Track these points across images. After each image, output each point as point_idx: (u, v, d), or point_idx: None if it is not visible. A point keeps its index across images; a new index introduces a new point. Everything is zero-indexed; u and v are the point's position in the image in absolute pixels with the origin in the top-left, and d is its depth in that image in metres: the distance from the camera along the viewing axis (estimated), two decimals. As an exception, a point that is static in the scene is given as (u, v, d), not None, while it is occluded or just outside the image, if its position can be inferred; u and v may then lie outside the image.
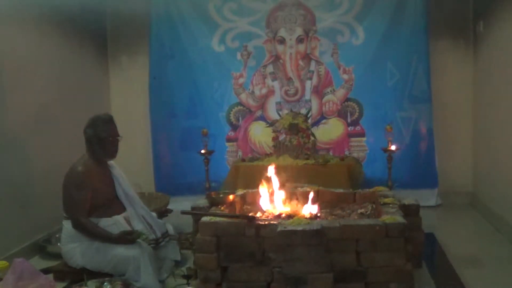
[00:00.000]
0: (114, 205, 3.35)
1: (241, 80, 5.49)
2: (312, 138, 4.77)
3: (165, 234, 3.48)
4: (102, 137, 3.27)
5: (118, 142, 3.36)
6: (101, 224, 3.20)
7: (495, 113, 4.61)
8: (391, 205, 3.10)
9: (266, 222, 2.88)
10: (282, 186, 3.39)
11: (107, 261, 3.14)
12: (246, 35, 5.45)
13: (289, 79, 5.45)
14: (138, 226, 3.32)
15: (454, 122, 5.43)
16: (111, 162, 3.44)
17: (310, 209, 3.18)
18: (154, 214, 3.56)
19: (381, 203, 3.17)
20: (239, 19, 5.43)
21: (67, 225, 3.24)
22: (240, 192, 3.64)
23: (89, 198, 3.18)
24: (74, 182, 3.18)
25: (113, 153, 3.35)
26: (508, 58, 4.20)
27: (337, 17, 5.33)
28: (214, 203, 3.40)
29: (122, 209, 3.38)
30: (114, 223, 3.24)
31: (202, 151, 4.78)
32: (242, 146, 5.52)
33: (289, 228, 2.75)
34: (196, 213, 3.19)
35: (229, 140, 5.55)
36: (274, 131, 4.90)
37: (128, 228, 3.26)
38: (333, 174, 4.34)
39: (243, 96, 5.50)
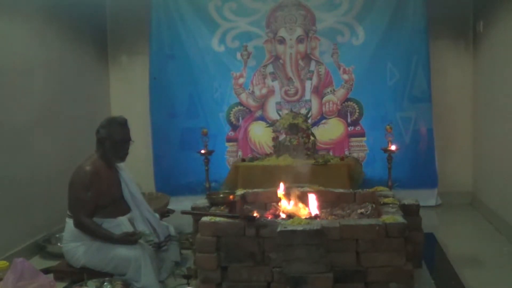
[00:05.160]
0: (120, 206, 3.34)
1: (241, 80, 5.49)
2: (312, 138, 4.77)
3: (168, 238, 3.48)
4: (115, 140, 3.26)
5: (129, 146, 3.36)
6: (105, 225, 3.20)
7: (495, 113, 4.62)
8: (391, 205, 3.10)
9: (266, 222, 2.88)
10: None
11: (108, 260, 3.14)
12: (246, 35, 5.45)
13: (289, 79, 5.45)
14: (141, 228, 3.32)
15: (454, 122, 5.43)
16: (120, 164, 3.44)
17: (311, 211, 3.19)
18: (157, 215, 3.57)
19: (381, 203, 3.17)
20: (239, 19, 5.43)
21: (70, 223, 3.23)
22: (240, 192, 3.64)
23: (95, 198, 3.18)
24: (81, 181, 3.17)
25: (123, 157, 3.35)
26: (508, 58, 4.20)
27: (337, 17, 5.33)
28: (214, 203, 3.39)
29: (127, 210, 3.37)
30: (117, 224, 3.24)
31: (202, 151, 4.78)
32: (242, 146, 5.52)
33: (289, 228, 2.75)
34: (196, 213, 3.19)
35: (229, 140, 5.54)
36: (274, 131, 4.90)
37: (131, 229, 3.26)
38: (333, 174, 4.34)
39: (243, 96, 5.50)
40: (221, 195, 3.51)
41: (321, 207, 3.38)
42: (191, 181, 5.39)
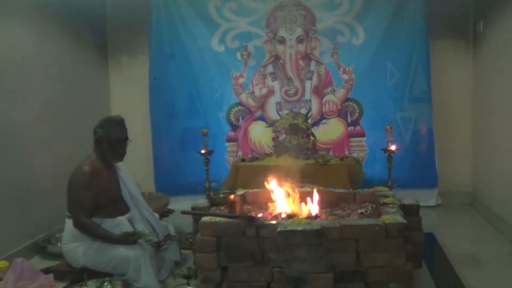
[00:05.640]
0: (119, 206, 3.34)
1: (241, 80, 5.49)
2: (312, 138, 4.77)
3: (167, 237, 3.48)
4: (113, 139, 3.26)
5: (127, 146, 3.36)
6: (105, 225, 3.20)
7: (495, 113, 4.62)
8: (391, 205, 3.10)
9: (266, 222, 2.88)
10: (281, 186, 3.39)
11: (108, 260, 3.14)
12: (246, 35, 5.44)
13: (289, 79, 5.45)
14: (141, 228, 3.32)
15: (454, 122, 5.43)
16: (118, 163, 3.44)
17: (311, 209, 3.19)
18: (156, 215, 3.56)
19: (381, 203, 3.17)
20: (239, 19, 5.43)
21: (70, 223, 3.23)
22: (240, 192, 3.64)
23: (94, 198, 3.18)
24: (80, 182, 3.17)
25: (121, 156, 3.35)
26: (508, 58, 4.20)
27: (337, 17, 5.33)
28: (214, 203, 3.40)
29: (126, 210, 3.37)
30: (117, 224, 3.24)
31: (202, 151, 4.77)
32: (242, 146, 5.52)
33: (289, 228, 2.75)
34: (196, 213, 3.19)
35: (229, 140, 5.54)
36: (274, 131, 4.90)
37: (131, 229, 3.26)
38: (333, 174, 4.34)
39: (243, 96, 5.50)
40: (221, 195, 3.52)
41: (321, 207, 3.38)
42: (191, 181, 5.38)
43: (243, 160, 4.88)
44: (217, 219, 2.91)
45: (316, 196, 3.30)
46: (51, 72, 4.52)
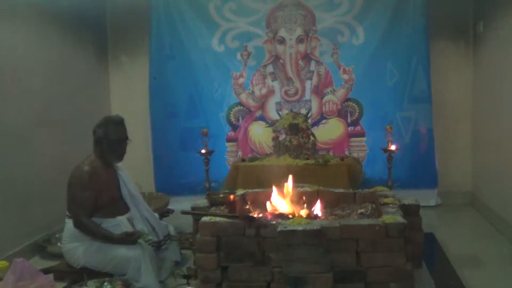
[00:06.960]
0: (118, 206, 3.34)
1: (241, 80, 5.49)
2: (312, 138, 4.77)
3: (167, 237, 3.48)
4: (112, 139, 3.26)
5: (126, 145, 3.35)
6: (104, 225, 3.20)
7: (494, 113, 4.62)
8: (391, 205, 3.10)
9: (266, 222, 2.88)
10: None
11: (108, 260, 3.14)
12: (246, 35, 5.44)
13: (289, 79, 5.45)
14: (140, 228, 3.32)
15: (454, 122, 5.42)
16: (118, 163, 3.44)
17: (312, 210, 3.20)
18: (156, 215, 3.56)
19: (381, 203, 3.17)
20: (239, 19, 5.43)
21: (70, 223, 3.23)
22: (240, 192, 3.65)
23: (93, 198, 3.18)
24: (79, 181, 3.17)
25: (120, 156, 3.35)
26: (508, 58, 4.20)
27: (337, 17, 5.33)
28: (214, 203, 3.40)
29: (126, 210, 3.37)
30: (117, 224, 3.24)
31: (202, 151, 4.77)
32: (242, 146, 5.52)
33: (289, 228, 2.75)
34: (196, 213, 3.20)
35: (229, 140, 5.54)
36: (274, 131, 4.90)
37: (131, 229, 3.26)
38: (333, 174, 4.34)
39: (243, 96, 5.50)
40: (221, 195, 3.52)
41: (321, 207, 3.38)
42: (191, 181, 5.39)
43: (243, 160, 4.88)
44: (217, 219, 2.91)
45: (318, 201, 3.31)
46: (51, 72, 4.53)
